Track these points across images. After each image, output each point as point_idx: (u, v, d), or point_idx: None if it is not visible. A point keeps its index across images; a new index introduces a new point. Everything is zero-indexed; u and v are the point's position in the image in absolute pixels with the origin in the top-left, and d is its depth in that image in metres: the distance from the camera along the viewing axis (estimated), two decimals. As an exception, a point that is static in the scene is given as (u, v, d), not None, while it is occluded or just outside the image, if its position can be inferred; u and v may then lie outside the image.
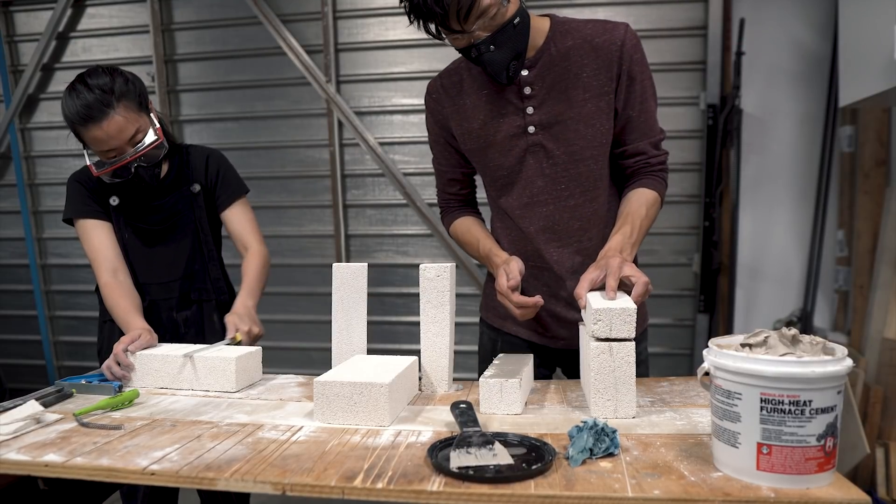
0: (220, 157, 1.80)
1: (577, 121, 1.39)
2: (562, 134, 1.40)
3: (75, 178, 1.71)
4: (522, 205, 1.46)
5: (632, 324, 1.10)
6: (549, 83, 1.39)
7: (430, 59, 3.15)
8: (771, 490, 0.82)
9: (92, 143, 1.54)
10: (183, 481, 0.92)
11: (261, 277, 1.71)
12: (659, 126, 1.47)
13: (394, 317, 3.36)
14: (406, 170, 3.25)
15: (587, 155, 1.41)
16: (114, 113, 1.50)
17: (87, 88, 1.50)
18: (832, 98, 2.94)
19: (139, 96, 1.58)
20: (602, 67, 1.37)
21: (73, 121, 1.51)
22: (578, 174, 1.42)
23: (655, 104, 1.45)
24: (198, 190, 1.74)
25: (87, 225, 1.66)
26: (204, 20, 3.31)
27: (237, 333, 1.51)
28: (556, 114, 1.39)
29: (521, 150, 1.43)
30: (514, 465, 0.91)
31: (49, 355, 3.68)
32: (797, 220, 3.12)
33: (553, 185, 1.43)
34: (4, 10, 3.47)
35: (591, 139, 1.40)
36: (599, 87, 1.38)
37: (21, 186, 3.55)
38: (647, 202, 1.42)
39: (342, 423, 1.12)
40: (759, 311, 3.18)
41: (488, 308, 1.63)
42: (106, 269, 1.63)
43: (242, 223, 1.77)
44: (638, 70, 1.39)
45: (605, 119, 1.39)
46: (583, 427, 0.97)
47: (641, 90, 1.40)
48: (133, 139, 1.55)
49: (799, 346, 0.88)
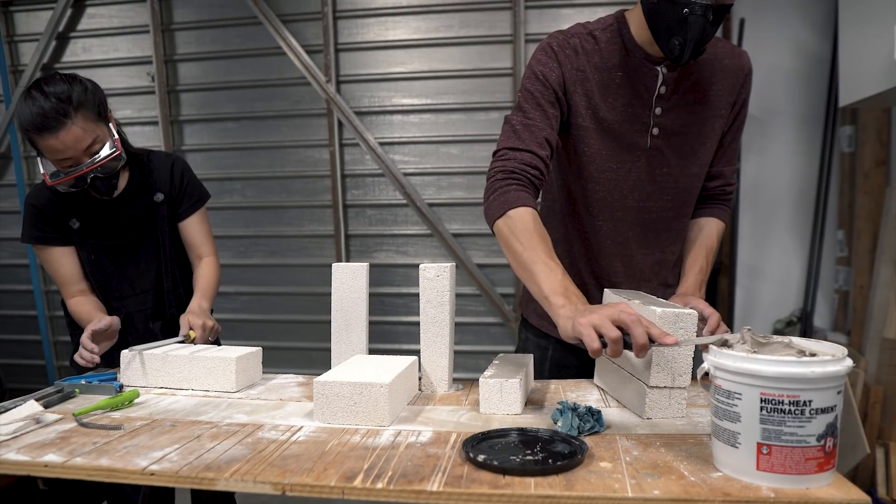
0: (184, 164, 1.77)
1: (697, 136, 1.37)
2: (681, 146, 1.37)
3: (31, 201, 1.64)
4: (628, 207, 1.38)
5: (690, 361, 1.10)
6: (683, 90, 1.34)
7: (430, 59, 3.15)
8: (771, 490, 0.82)
9: (47, 152, 1.48)
10: (183, 481, 0.92)
11: (214, 284, 1.73)
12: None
13: (394, 317, 3.36)
14: (406, 170, 3.25)
15: (694, 172, 1.41)
16: (71, 123, 1.44)
17: (44, 96, 1.43)
18: (832, 98, 2.94)
19: (98, 105, 1.53)
20: (726, 90, 1.37)
21: (28, 129, 1.44)
22: (684, 189, 1.41)
23: None
24: (161, 199, 1.70)
25: (44, 251, 1.66)
26: (204, 20, 3.31)
27: (190, 332, 1.52)
28: (682, 123, 1.35)
29: (639, 150, 1.35)
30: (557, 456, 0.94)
31: (49, 355, 3.68)
32: (797, 220, 3.12)
33: (661, 193, 1.40)
34: (4, 10, 3.47)
35: (702, 157, 1.40)
36: (719, 108, 1.37)
37: (21, 186, 3.55)
38: (720, 235, 1.49)
39: (342, 423, 1.12)
40: (759, 311, 3.18)
41: (541, 314, 1.49)
42: (71, 289, 1.66)
43: (200, 233, 1.77)
44: (748, 100, 1.42)
45: (714, 140, 1.40)
46: (563, 409, 1.06)
47: (743, 119, 1.44)
48: (90, 149, 1.49)
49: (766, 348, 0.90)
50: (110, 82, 3.42)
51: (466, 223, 3.25)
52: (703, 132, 1.38)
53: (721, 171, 1.47)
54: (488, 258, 3.25)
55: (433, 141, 3.22)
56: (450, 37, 3.11)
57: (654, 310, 1.09)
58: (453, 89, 3.15)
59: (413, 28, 3.17)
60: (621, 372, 1.22)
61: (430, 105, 3.19)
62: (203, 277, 1.72)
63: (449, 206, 3.25)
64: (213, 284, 1.72)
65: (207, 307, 1.65)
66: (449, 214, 3.26)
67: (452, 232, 3.25)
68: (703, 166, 1.42)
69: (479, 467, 0.91)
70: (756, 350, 0.89)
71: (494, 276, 3.25)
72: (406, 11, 3.16)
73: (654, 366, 1.10)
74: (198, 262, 1.76)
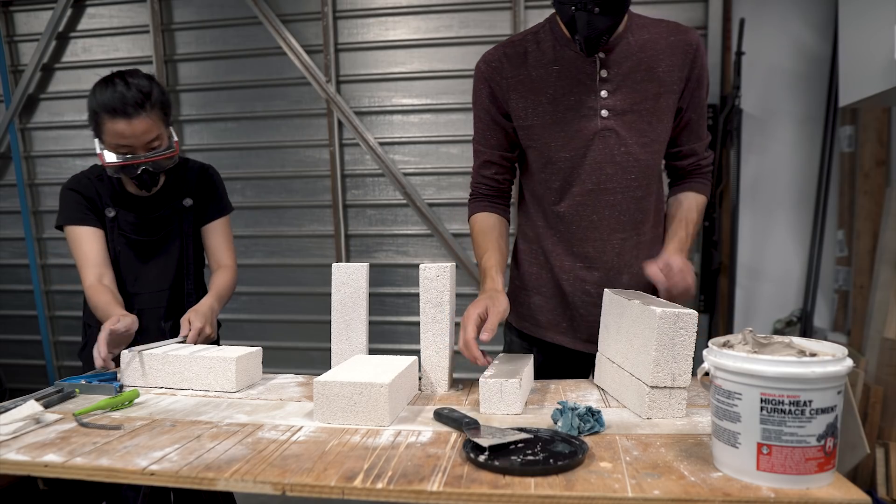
0: (215, 174, 1.85)
1: (651, 113, 1.40)
2: (634, 124, 1.39)
3: (70, 187, 1.72)
4: (587, 191, 1.41)
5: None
6: (626, 71, 1.38)
7: (430, 59, 3.15)
8: (771, 490, 0.82)
9: (111, 136, 1.56)
10: (183, 481, 0.92)
11: (230, 290, 1.77)
12: (706, 130, 1.52)
13: (394, 317, 3.36)
14: (406, 170, 3.25)
15: (654, 149, 1.43)
16: (145, 115, 1.55)
17: (126, 85, 1.53)
18: (832, 98, 2.94)
19: (167, 110, 1.64)
20: (675, 66, 1.40)
21: (105, 109, 1.53)
22: (647, 167, 1.43)
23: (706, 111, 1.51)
24: (190, 204, 1.78)
25: (78, 231, 1.68)
26: (204, 20, 3.31)
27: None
28: (632, 102, 1.39)
29: (589, 133, 1.39)
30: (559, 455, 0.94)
31: (49, 355, 3.68)
32: (797, 220, 3.12)
33: (623, 174, 1.41)
34: (4, 10, 3.47)
35: (659, 133, 1.43)
36: (670, 85, 1.40)
37: (21, 186, 3.55)
38: (699, 207, 1.49)
39: (342, 423, 1.12)
40: (759, 311, 3.18)
41: (523, 317, 1.57)
42: (92, 272, 1.66)
43: (221, 240, 1.82)
44: (705, 75, 1.44)
45: (670, 115, 1.43)
46: (563, 409, 1.06)
47: (702, 93, 1.45)
48: (150, 144, 1.59)
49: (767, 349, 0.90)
50: (110, 82, 3.42)
51: (466, 223, 3.24)
52: (658, 109, 1.40)
53: (692, 149, 1.50)
54: (488, 258, 3.24)
55: (433, 141, 3.22)
56: (450, 37, 3.11)
57: (654, 310, 1.09)
58: (453, 89, 3.14)
59: (413, 28, 3.17)
60: (621, 372, 1.22)
61: (430, 105, 3.19)
62: (220, 281, 1.75)
63: (449, 206, 3.25)
64: (228, 290, 1.76)
65: (217, 309, 1.67)
66: (449, 214, 3.26)
67: (452, 232, 3.25)
68: (663, 143, 1.45)
69: (479, 467, 0.91)
70: (757, 350, 0.89)
71: (494, 276, 3.25)
72: (406, 11, 3.15)
73: (654, 366, 1.10)
74: (217, 269, 1.80)
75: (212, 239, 1.81)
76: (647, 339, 1.12)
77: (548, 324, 1.53)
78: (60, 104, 3.50)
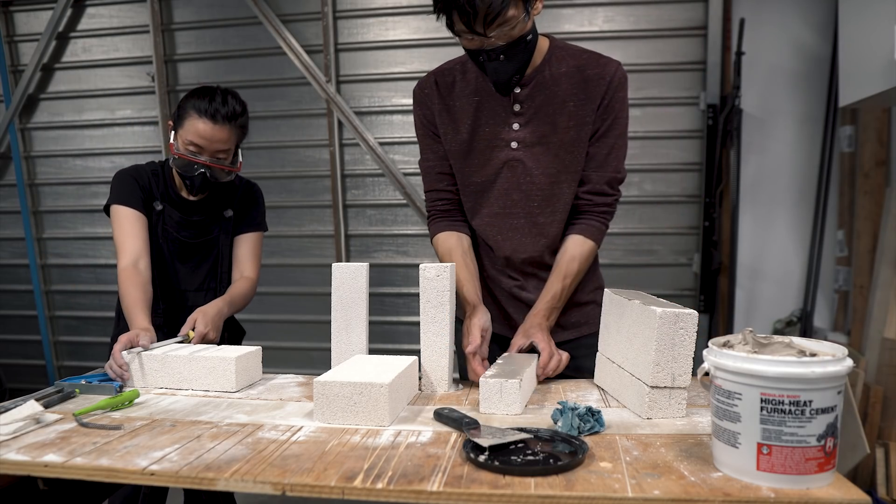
0: (259, 192, 1.92)
1: (559, 146, 1.44)
2: (542, 155, 1.45)
3: (128, 172, 1.76)
4: (493, 213, 1.50)
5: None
6: (538, 104, 1.43)
7: (430, 59, 3.15)
8: (771, 490, 0.82)
9: (191, 133, 1.64)
10: (183, 481, 0.92)
11: (245, 299, 1.80)
12: (621, 167, 1.49)
13: (394, 317, 3.36)
14: (406, 170, 3.25)
15: (562, 179, 1.46)
16: (229, 127, 1.66)
17: (224, 101, 1.66)
18: (832, 98, 2.94)
19: (244, 134, 1.76)
20: (588, 99, 1.42)
21: (196, 108, 1.64)
22: (552, 195, 1.47)
23: (623, 145, 1.48)
24: (230, 215, 1.84)
25: (124, 211, 1.71)
26: (204, 20, 3.31)
27: (190, 332, 1.54)
28: (540, 135, 1.45)
29: (499, 162, 1.47)
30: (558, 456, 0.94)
31: (49, 355, 3.68)
32: (797, 220, 3.12)
33: (527, 201, 1.48)
34: (4, 10, 3.47)
35: (569, 165, 1.46)
36: (582, 118, 1.43)
37: (21, 186, 3.55)
38: (582, 256, 1.48)
39: (342, 423, 1.12)
40: (759, 311, 3.18)
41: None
42: (129, 254, 1.67)
43: (248, 251, 1.86)
44: (618, 107, 1.44)
45: (582, 148, 1.45)
46: (563, 409, 1.05)
47: (612, 125, 1.44)
48: (218, 153, 1.68)
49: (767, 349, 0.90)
50: (110, 82, 3.42)
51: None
52: (567, 141, 1.44)
53: (588, 177, 1.47)
54: (488, 258, 3.25)
55: (433, 141, 3.22)
56: (450, 37, 3.06)
57: (654, 310, 1.09)
58: (453, 89, 3.14)
59: (413, 28, 3.17)
60: (621, 372, 1.22)
61: (430, 105, 3.19)
62: (236, 289, 1.78)
63: (449, 206, 3.25)
64: (242, 298, 1.78)
65: (226, 313, 1.69)
66: (449, 214, 3.26)
67: (452, 232, 3.25)
68: (575, 174, 1.47)
69: (479, 467, 0.91)
70: (757, 350, 0.89)
71: (494, 276, 3.25)
72: (406, 11, 3.16)
73: (654, 366, 1.10)
74: (238, 279, 1.84)
75: (240, 249, 1.85)
76: (647, 339, 1.12)
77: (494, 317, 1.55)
78: (60, 104, 3.50)
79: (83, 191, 3.55)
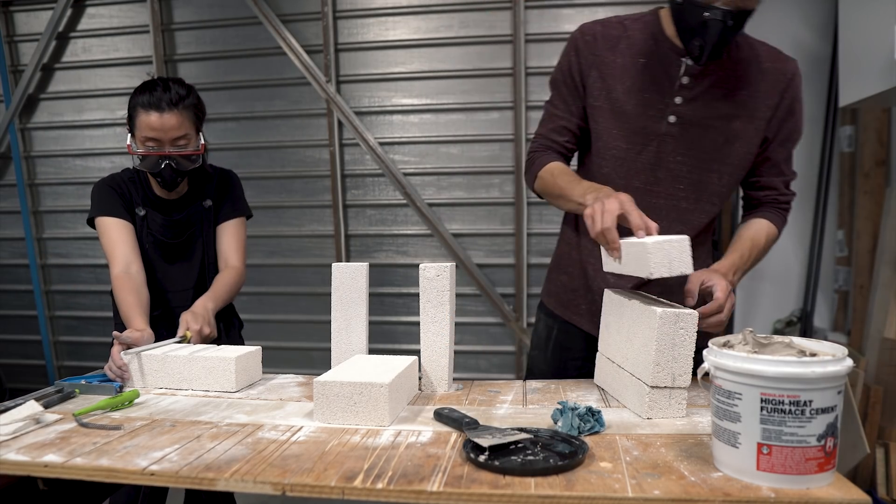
0: (234, 177, 1.91)
1: (720, 132, 1.37)
2: (699, 138, 1.37)
3: (105, 183, 1.77)
4: (633, 188, 1.36)
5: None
6: (708, 84, 1.35)
7: (430, 59, 3.15)
8: (771, 490, 0.82)
9: (143, 128, 1.63)
10: (183, 482, 0.92)
11: (230, 289, 1.76)
12: (792, 167, 1.47)
13: (394, 317, 3.36)
14: (406, 170, 3.25)
15: (713, 168, 1.39)
16: (178, 111, 1.63)
17: (166, 88, 1.64)
18: (832, 98, 2.94)
19: (199, 116, 1.72)
20: (762, 94, 1.36)
21: (139, 103, 1.63)
22: (699, 182, 1.40)
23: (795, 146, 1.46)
24: (209, 205, 1.82)
25: (109, 221, 1.71)
26: (204, 20, 3.31)
27: (187, 332, 1.53)
28: (701, 116, 1.36)
29: (652, 134, 1.38)
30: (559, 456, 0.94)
31: (49, 355, 3.68)
32: (797, 220, 3.12)
33: (672, 181, 1.40)
34: (4, 10, 3.47)
35: (725, 155, 1.38)
36: (753, 111, 1.37)
37: (21, 186, 3.55)
38: (768, 234, 1.44)
39: (342, 423, 1.12)
40: (759, 311, 3.18)
41: (550, 293, 1.60)
42: (120, 261, 1.67)
43: (232, 241, 1.83)
44: (797, 107, 1.40)
45: (745, 142, 1.38)
46: (563, 409, 1.06)
47: (793, 129, 1.41)
48: (177, 141, 1.65)
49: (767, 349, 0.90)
50: (110, 82, 3.42)
51: (466, 223, 3.25)
52: (731, 130, 1.37)
53: (771, 183, 1.45)
54: (488, 258, 3.25)
55: (433, 141, 3.22)
56: (450, 37, 3.11)
57: (654, 310, 1.09)
58: (453, 89, 3.14)
59: (413, 28, 3.17)
60: (621, 372, 1.22)
61: (430, 105, 3.19)
62: (219, 281, 1.76)
63: (449, 206, 3.25)
64: (227, 289, 1.75)
65: (212, 308, 1.66)
66: (449, 214, 3.26)
67: (452, 232, 3.25)
68: (731, 167, 1.40)
69: (479, 467, 0.91)
70: (757, 350, 0.89)
71: (494, 276, 3.25)
72: (406, 11, 3.15)
73: (655, 366, 1.10)
74: (223, 269, 1.82)
75: (222, 238, 1.83)
76: (647, 338, 1.12)
77: (568, 303, 1.54)
78: (60, 104, 3.50)
79: (83, 191, 3.54)
